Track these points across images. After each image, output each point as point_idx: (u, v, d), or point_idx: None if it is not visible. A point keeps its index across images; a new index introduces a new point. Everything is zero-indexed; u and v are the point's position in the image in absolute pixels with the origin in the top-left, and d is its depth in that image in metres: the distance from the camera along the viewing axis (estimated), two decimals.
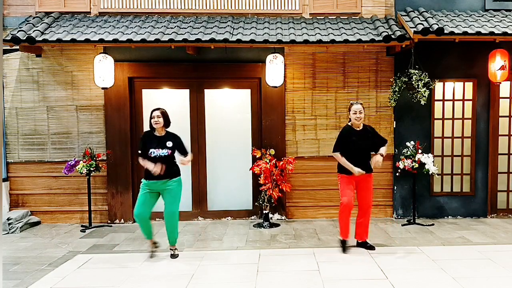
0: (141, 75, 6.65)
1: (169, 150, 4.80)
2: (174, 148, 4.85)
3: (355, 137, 4.99)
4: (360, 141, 4.99)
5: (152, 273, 4.47)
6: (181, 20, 6.51)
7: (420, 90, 6.02)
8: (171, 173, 4.83)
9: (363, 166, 4.99)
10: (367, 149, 5.05)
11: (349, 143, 5.00)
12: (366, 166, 5.03)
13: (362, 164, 5.00)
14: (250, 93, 6.83)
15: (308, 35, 6.04)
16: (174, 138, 4.90)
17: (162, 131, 4.88)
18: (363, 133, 5.05)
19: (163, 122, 4.82)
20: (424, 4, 6.68)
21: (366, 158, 5.06)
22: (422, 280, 4.18)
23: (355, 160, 4.97)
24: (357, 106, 5.00)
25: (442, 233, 5.89)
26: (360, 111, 4.98)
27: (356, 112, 4.98)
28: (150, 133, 4.88)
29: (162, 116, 4.82)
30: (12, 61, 6.60)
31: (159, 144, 4.78)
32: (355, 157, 4.98)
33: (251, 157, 6.66)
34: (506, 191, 6.87)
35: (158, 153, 4.74)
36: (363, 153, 5.03)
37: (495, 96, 6.72)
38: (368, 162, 5.07)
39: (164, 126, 4.87)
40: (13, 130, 6.65)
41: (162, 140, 4.81)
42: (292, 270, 4.48)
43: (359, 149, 4.99)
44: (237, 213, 6.87)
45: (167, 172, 4.77)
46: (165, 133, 4.89)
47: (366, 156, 5.06)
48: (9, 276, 4.41)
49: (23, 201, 6.70)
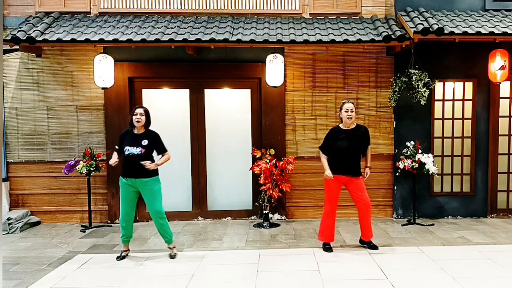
0: (141, 75, 6.65)
1: (143, 149, 4.71)
2: (149, 146, 4.77)
3: (342, 137, 4.98)
4: (347, 141, 4.94)
5: (152, 273, 4.47)
6: (181, 20, 6.51)
7: (420, 90, 6.02)
8: (146, 172, 4.72)
9: (350, 168, 4.95)
10: (354, 150, 4.97)
11: (335, 142, 4.99)
12: (353, 168, 4.97)
13: (349, 165, 4.96)
14: (250, 93, 6.83)
15: (308, 35, 6.04)
16: (152, 137, 4.83)
17: (142, 129, 4.83)
18: (352, 133, 5.00)
19: (145, 120, 4.78)
20: (424, 4, 6.68)
21: (354, 160, 4.99)
22: (422, 280, 4.18)
23: (341, 161, 4.95)
24: (348, 105, 4.97)
25: (442, 233, 5.89)
26: (352, 110, 4.94)
27: (347, 111, 4.94)
28: (129, 131, 4.86)
29: (145, 115, 4.79)
30: (12, 61, 6.60)
31: (134, 142, 4.73)
32: (341, 157, 4.95)
33: (251, 157, 6.66)
34: (506, 191, 6.87)
35: (132, 151, 4.69)
36: (350, 154, 4.96)
37: (495, 96, 6.72)
38: (356, 164, 5.00)
39: (145, 125, 4.83)
40: (13, 130, 6.65)
41: (139, 138, 4.77)
42: (292, 270, 4.48)
43: (345, 150, 4.94)
44: (237, 213, 6.87)
45: (142, 170, 4.70)
46: (144, 131, 4.84)
47: (353, 157, 4.98)
48: (9, 276, 4.42)
49: (23, 201, 6.70)
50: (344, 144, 4.95)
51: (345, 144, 4.95)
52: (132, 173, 4.74)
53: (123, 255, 4.94)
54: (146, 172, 4.74)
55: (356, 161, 5.01)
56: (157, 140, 4.87)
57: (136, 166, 4.70)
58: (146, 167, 4.65)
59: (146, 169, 4.71)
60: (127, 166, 4.77)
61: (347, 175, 4.98)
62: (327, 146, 5.09)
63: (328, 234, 5.12)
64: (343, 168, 4.97)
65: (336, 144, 4.99)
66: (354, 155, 5.00)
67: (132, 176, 4.74)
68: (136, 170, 4.72)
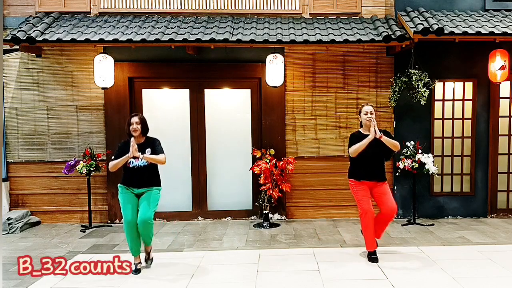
0: (141, 75, 6.65)
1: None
2: (153, 153, 4.49)
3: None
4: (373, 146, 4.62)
5: (152, 273, 4.47)
6: (181, 20, 6.51)
7: (420, 90, 6.02)
8: (151, 182, 4.54)
9: (374, 173, 4.71)
10: (377, 155, 4.70)
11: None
12: (378, 173, 4.74)
13: (374, 170, 4.71)
14: (250, 93, 6.83)
15: (308, 35, 6.04)
16: (152, 144, 4.56)
17: (141, 138, 4.54)
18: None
19: (141, 129, 4.48)
20: (424, 4, 6.68)
21: (378, 164, 4.75)
22: (422, 280, 4.18)
23: (365, 166, 4.71)
24: (368, 107, 4.73)
25: (442, 233, 5.89)
26: (372, 112, 4.70)
27: (367, 113, 4.70)
28: (128, 142, 4.44)
29: (141, 123, 4.49)
30: (12, 61, 6.60)
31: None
32: (364, 163, 4.70)
33: (251, 157, 6.66)
34: (506, 191, 6.87)
35: (137, 164, 4.45)
36: (373, 159, 4.71)
37: (495, 96, 6.72)
38: (381, 169, 4.77)
39: (142, 134, 4.53)
40: (13, 130, 6.65)
41: (141, 148, 4.46)
42: (292, 270, 4.48)
43: (368, 155, 4.67)
44: (237, 213, 6.87)
45: (146, 181, 4.51)
46: (144, 139, 4.56)
47: (377, 162, 4.74)
48: (9, 276, 4.42)
49: (23, 201, 6.70)
50: (371, 150, 4.64)
51: (371, 149, 4.64)
52: (136, 184, 4.50)
53: (138, 268, 4.51)
54: (151, 182, 4.55)
55: (380, 166, 4.78)
56: (155, 144, 4.57)
57: (140, 177, 4.49)
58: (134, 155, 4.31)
59: (151, 180, 4.53)
60: (131, 177, 4.50)
61: (373, 180, 4.74)
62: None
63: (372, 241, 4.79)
64: (370, 173, 4.72)
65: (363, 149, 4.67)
66: (378, 160, 4.74)
67: (135, 186, 4.50)
68: (141, 181, 4.50)
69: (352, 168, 4.85)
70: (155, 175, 4.61)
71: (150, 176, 4.55)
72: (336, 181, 6.71)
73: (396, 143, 4.71)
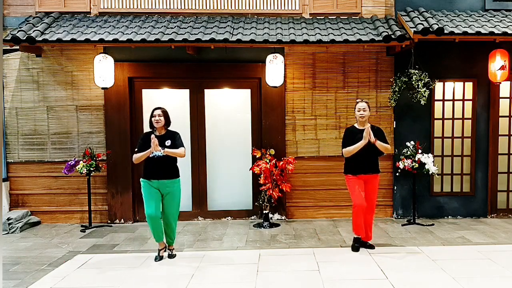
0: (141, 75, 6.65)
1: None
2: (173, 146, 4.76)
3: (358, 137, 4.95)
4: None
5: (152, 273, 4.47)
6: (181, 20, 6.51)
7: (420, 90, 6.02)
8: (170, 173, 4.79)
9: (368, 167, 4.98)
10: (370, 149, 4.94)
11: (352, 142, 4.97)
12: (372, 167, 5.01)
13: (367, 164, 4.98)
14: (250, 93, 6.83)
15: (308, 35, 6.04)
16: (173, 136, 4.83)
17: (162, 130, 4.84)
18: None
19: (164, 121, 4.78)
20: (424, 4, 6.68)
21: (372, 158, 5.01)
22: (422, 280, 4.18)
23: (359, 160, 4.95)
24: (361, 104, 5.03)
25: (442, 233, 5.89)
26: (364, 109, 4.98)
27: (360, 110, 4.99)
28: (151, 133, 4.82)
29: (163, 115, 4.79)
30: (12, 61, 6.60)
31: (158, 144, 4.69)
32: (359, 157, 4.94)
33: (251, 157, 6.66)
34: (506, 191, 6.87)
35: (157, 153, 4.67)
36: (367, 153, 4.95)
37: (495, 96, 6.72)
38: (374, 163, 5.04)
39: (165, 126, 4.84)
40: (13, 130, 6.65)
41: (162, 139, 4.74)
42: (292, 270, 4.48)
43: (366, 148, 4.90)
44: (237, 213, 6.87)
45: (166, 172, 4.75)
46: (165, 132, 4.85)
47: (371, 156, 4.99)
48: (9, 276, 4.41)
49: (23, 201, 6.70)
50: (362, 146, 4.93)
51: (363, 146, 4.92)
52: (156, 175, 4.72)
53: (161, 255, 4.88)
54: (170, 173, 4.78)
55: (375, 160, 5.04)
56: (176, 137, 4.86)
57: (160, 168, 4.72)
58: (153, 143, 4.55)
59: (169, 171, 4.77)
60: (151, 168, 4.73)
61: (368, 174, 5.00)
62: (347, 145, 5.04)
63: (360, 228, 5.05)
64: (365, 167, 4.98)
65: (353, 143, 4.96)
66: (372, 154, 4.99)
67: (156, 177, 4.72)
68: (160, 172, 4.72)
69: (348, 163, 5.09)
70: (175, 166, 4.88)
71: (170, 167, 4.82)
72: (336, 181, 6.71)
73: (388, 147, 5.02)
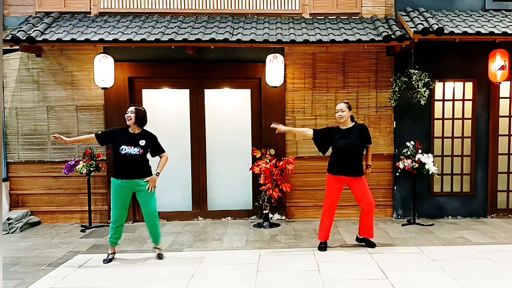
0: (141, 75, 6.65)
1: (141, 149, 4.65)
2: (147, 147, 4.71)
3: (339, 136, 5.01)
4: (345, 140, 4.97)
5: (152, 273, 4.47)
6: (181, 20, 6.51)
7: (420, 90, 6.02)
8: (142, 172, 4.73)
9: (350, 167, 4.97)
10: (352, 148, 4.96)
11: (333, 141, 5.05)
12: (354, 168, 4.99)
13: (349, 164, 4.98)
14: (250, 93, 6.83)
15: (308, 35, 6.04)
16: (149, 137, 4.76)
17: (136, 129, 4.72)
18: (350, 131, 5.02)
19: (134, 119, 4.65)
20: (424, 4, 6.68)
21: (354, 159, 4.99)
22: (422, 280, 4.18)
23: (341, 160, 4.99)
24: (339, 105, 5.07)
25: (442, 233, 5.89)
26: (342, 110, 5.00)
27: (338, 111, 5.04)
28: (125, 130, 4.75)
29: (135, 113, 4.66)
30: (12, 61, 6.60)
31: (131, 142, 4.64)
32: (340, 156, 4.99)
33: (251, 157, 6.66)
34: (506, 191, 6.87)
35: (129, 151, 4.60)
36: (349, 153, 4.97)
37: (495, 96, 6.72)
38: (356, 163, 5.00)
39: (137, 124, 4.70)
40: (13, 130, 6.65)
41: (136, 137, 4.68)
42: (292, 270, 4.48)
43: (344, 148, 4.96)
44: (237, 213, 6.87)
45: (139, 171, 4.70)
46: (140, 131, 4.75)
47: (353, 156, 4.98)
48: (9, 276, 4.41)
49: (23, 201, 6.70)
50: (342, 143, 4.98)
51: (343, 143, 4.98)
52: (128, 174, 4.66)
53: (110, 258, 4.85)
54: (142, 172, 4.73)
55: (356, 160, 5.01)
56: (154, 141, 4.79)
57: (133, 167, 4.67)
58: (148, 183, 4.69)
59: (142, 170, 4.72)
60: (122, 167, 4.67)
61: (348, 175, 4.99)
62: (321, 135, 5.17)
63: (324, 234, 5.13)
64: (344, 168, 4.98)
65: (335, 143, 5.03)
66: (354, 154, 4.99)
67: (128, 177, 4.67)
68: (132, 171, 4.68)
69: (330, 162, 5.17)
70: (147, 165, 4.82)
71: (143, 165, 4.76)
72: None
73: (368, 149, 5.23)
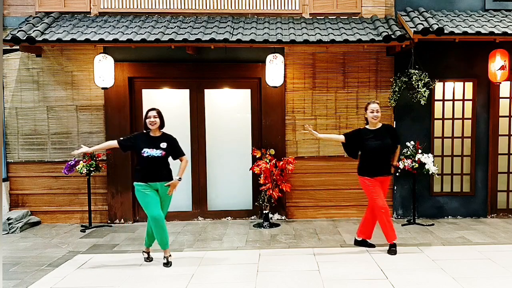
0: (141, 75, 6.65)
1: (163, 151, 4.62)
2: (168, 149, 4.68)
3: (371, 137, 4.97)
4: (378, 141, 4.94)
5: (152, 273, 4.47)
6: (181, 20, 6.51)
7: (420, 90, 6.02)
8: (167, 175, 4.71)
9: (383, 167, 4.97)
10: (386, 148, 4.96)
11: (365, 143, 4.98)
12: (386, 168, 5.01)
13: (382, 165, 4.97)
14: (250, 93, 6.83)
15: (308, 35, 6.04)
16: (170, 140, 4.75)
17: (158, 132, 4.73)
18: (381, 132, 5.00)
19: (159, 122, 4.69)
20: (424, 4, 6.68)
21: (385, 159, 5.00)
22: (422, 280, 4.18)
23: (375, 161, 4.95)
24: (374, 105, 5.00)
25: (442, 233, 5.89)
26: (377, 110, 4.98)
27: (373, 111, 4.98)
28: (144, 134, 4.74)
29: (158, 116, 4.69)
30: (12, 61, 6.60)
31: (153, 144, 4.62)
32: (374, 157, 4.95)
33: (251, 157, 6.66)
34: (506, 191, 6.87)
35: (152, 153, 4.58)
36: (382, 153, 4.96)
37: (495, 96, 6.72)
38: (387, 163, 5.02)
39: (160, 127, 4.73)
40: (13, 130, 6.65)
41: (157, 140, 4.66)
42: (292, 270, 4.48)
43: (377, 149, 4.93)
44: (237, 213, 6.87)
45: (164, 174, 4.68)
46: (161, 134, 4.75)
47: (384, 156, 4.99)
48: (9, 276, 4.41)
49: (23, 201, 6.70)
50: (375, 144, 4.94)
51: (376, 144, 4.94)
52: (150, 177, 4.61)
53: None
54: (164, 175, 4.69)
55: (388, 160, 5.05)
56: (174, 143, 4.77)
57: (155, 169, 4.63)
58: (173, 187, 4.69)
59: (164, 173, 4.68)
60: (145, 169, 4.62)
61: (382, 176, 4.99)
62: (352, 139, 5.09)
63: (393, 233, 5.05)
64: (378, 169, 4.96)
65: (367, 145, 4.97)
66: (386, 154, 5.01)
67: (150, 180, 4.61)
68: (154, 174, 4.62)
69: (363, 165, 5.05)
70: (169, 168, 4.79)
71: (165, 168, 4.73)
72: (336, 181, 6.72)
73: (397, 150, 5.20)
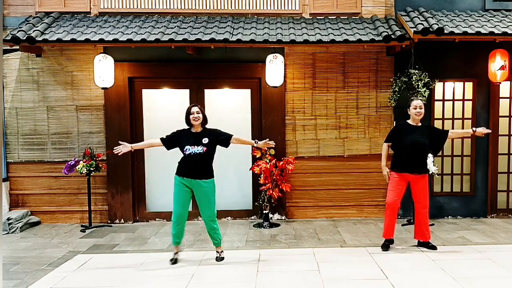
0: (141, 75, 6.65)
1: (204, 148, 4.57)
2: (210, 144, 4.63)
3: (411, 133, 4.92)
4: (418, 137, 4.89)
5: (152, 273, 4.47)
6: (181, 20, 6.51)
7: (420, 90, 6.02)
8: (204, 173, 4.64)
9: (417, 165, 4.92)
10: (422, 146, 4.90)
11: (404, 137, 4.93)
12: (420, 166, 4.94)
13: (417, 162, 4.91)
14: (250, 93, 6.83)
15: (308, 35, 6.04)
16: (212, 133, 4.72)
17: (199, 127, 4.69)
18: (420, 130, 4.96)
19: (202, 118, 4.65)
20: (424, 4, 6.68)
21: (421, 157, 4.93)
22: (422, 280, 4.18)
23: (409, 156, 4.89)
24: (417, 101, 4.96)
25: (442, 233, 5.89)
26: (421, 106, 4.93)
27: (416, 107, 4.93)
28: (186, 130, 4.73)
29: (201, 112, 4.66)
30: (12, 61, 6.60)
31: (195, 142, 4.59)
32: (408, 153, 4.90)
33: (251, 157, 6.66)
34: (506, 191, 6.87)
35: (193, 151, 4.55)
36: (418, 150, 4.89)
37: (495, 96, 6.72)
38: (424, 161, 4.96)
39: (202, 123, 4.71)
40: (13, 130, 6.65)
41: (199, 137, 4.63)
42: (292, 270, 4.48)
43: (413, 146, 4.87)
44: (237, 213, 6.87)
45: (200, 172, 4.62)
46: (202, 129, 4.71)
47: (420, 154, 4.92)
48: (9, 276, 4.41)
49: (23, 201, 6.70)
50: (414, 139, 4.88)
51: (416, 139, 4.88)
52: (190, 173, 4.60)
53: (176, 258, 4.79)
54: (205, 173, 4.64)
55: (424, 158, 4.96)
56: (217, 132, 4.76)
57: (195, 166, 4.60)
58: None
59: (204, 170, 4.63)
60: (186, 166, 4.62)
61: (413, 173, 4.93)
62: (393, 139, 5.06)
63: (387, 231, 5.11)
64: (410, 165, 4.91)
65: (406, 139, 4.90)
66: (424, 152, 4.94)
67: (189, 176, 4.60)
68: (194, 170, 4.60)
69: (396, 158, 5.06)
70: (210, 167, 4.73)
71: (205, 166, 4.68)
72: (336, 181, 6.72)
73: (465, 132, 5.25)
